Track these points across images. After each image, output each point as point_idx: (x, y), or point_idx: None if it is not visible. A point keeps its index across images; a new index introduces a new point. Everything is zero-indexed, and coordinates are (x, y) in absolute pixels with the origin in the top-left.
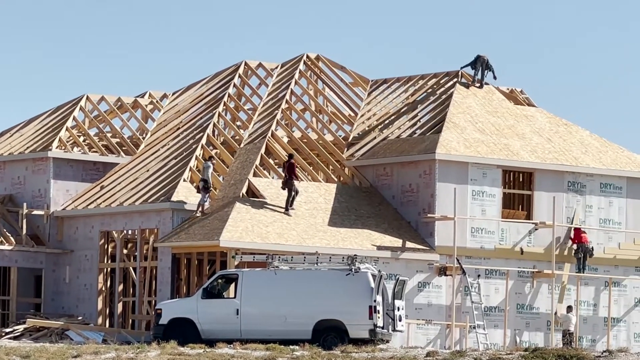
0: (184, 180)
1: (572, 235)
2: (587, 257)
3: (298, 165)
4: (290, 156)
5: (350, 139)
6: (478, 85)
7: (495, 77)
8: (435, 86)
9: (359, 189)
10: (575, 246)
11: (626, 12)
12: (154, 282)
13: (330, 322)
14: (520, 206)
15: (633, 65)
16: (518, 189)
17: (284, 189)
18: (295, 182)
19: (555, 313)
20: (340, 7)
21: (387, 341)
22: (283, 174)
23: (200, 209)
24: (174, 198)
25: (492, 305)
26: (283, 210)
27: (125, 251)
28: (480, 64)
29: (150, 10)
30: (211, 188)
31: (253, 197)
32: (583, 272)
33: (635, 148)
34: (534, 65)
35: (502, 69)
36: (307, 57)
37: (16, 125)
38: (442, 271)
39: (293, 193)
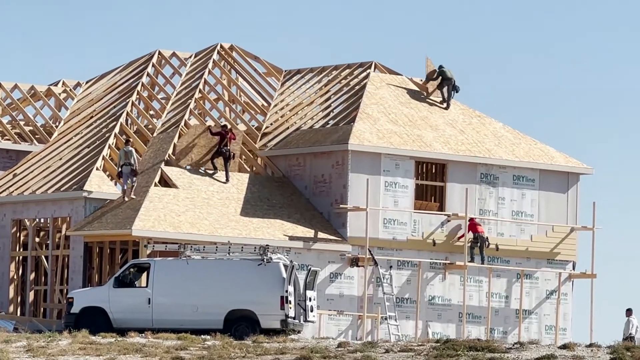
0: (97, 169)
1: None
2: (483, 248)
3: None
4: (225, 127)
5: (263, 129)
6: (445, 106)
7: (457, 91)
8: (348, 77)
9: (271, 179)
10: (470, 236)
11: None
12: (66, 270)
13: (241, 312)
14: (432, 198)
15: (545, 56)
16: (431, 181)
17: (214, 158)
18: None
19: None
20: None
21: (299, 332)
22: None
23: (124, 194)
24: (87, 187)
25: (403, 296)
26: (224, 181)
27: (37, 239)
28: (446, 84)
29: None
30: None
31: (166, 186)
32: (482, 263)
33: (548, 140)
34: (449, 57)
35: (418, 60)
36: (221, 46)
37: None
38: (354, 262)
39: (230, 160)
